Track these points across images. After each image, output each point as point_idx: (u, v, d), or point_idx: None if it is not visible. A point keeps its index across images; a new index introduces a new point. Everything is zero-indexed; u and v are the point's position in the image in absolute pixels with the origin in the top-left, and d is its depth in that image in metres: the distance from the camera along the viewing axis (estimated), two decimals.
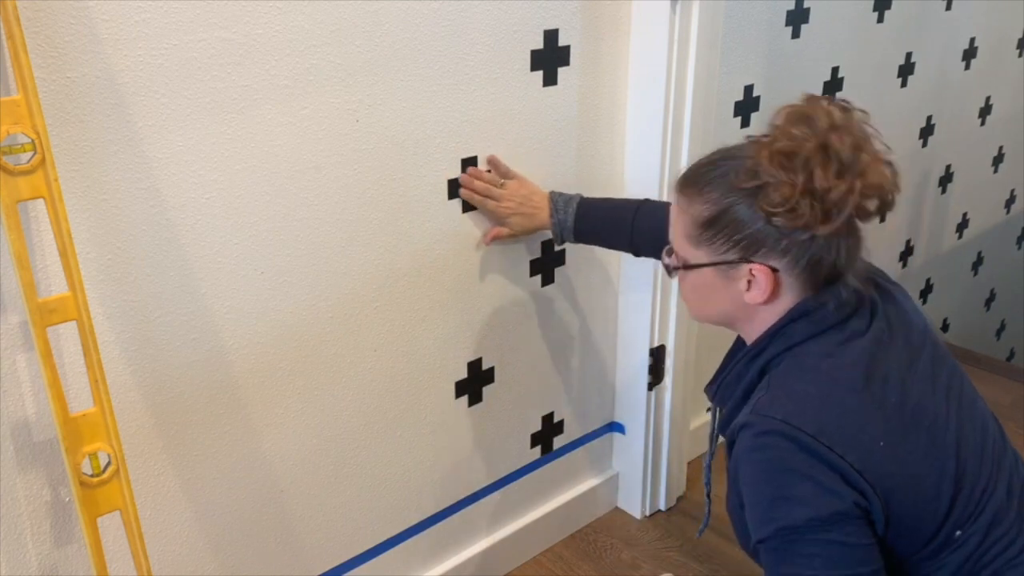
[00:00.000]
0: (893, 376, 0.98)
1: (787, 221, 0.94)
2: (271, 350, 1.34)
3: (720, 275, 1.01)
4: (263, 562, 1.44)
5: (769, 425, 0.94)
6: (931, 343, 1.06)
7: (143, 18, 1.08)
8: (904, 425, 0.96)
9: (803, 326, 0.99)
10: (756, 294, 0.99)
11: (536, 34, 1.51)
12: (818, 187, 0.92)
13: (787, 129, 0.96)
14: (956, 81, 2.70)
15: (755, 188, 0.95)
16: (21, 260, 1.00)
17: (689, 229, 1.02)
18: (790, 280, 0.99)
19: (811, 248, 0.96)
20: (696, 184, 1.01)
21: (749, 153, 0.97)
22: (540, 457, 1.86)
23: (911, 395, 0.98)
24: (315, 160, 1.29)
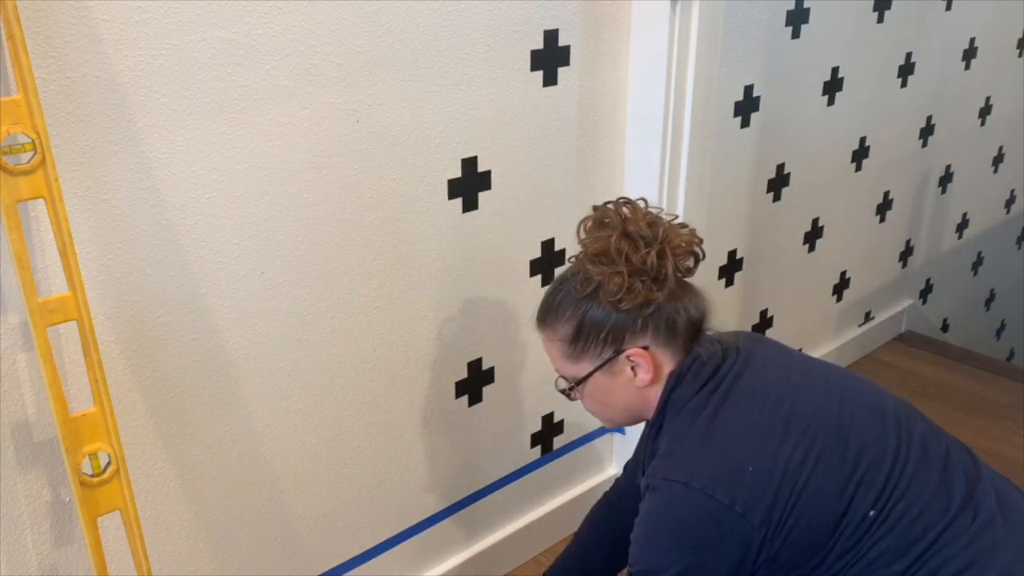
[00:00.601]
0: (757, 396, 1.08)
1: (630, 302, 1.07)
2: (271, 350, 1.34)
3: (607, 375, 1.13)
4: (263, 562, 1.44)
5: (656, 485, 1.06)
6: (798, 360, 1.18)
7: (143, 18, 1.08)
8: (773, 438, 1.04)
9: (685, 388, 1.10)
10: (643, 375, 1.11)
11: (536, 34, 1.51)
12: (638, 265, 1.07)
13: (592, 236, 1.12)
14: (956, 81, 2.70)
15: (593, 291, 1.09)
16: (21, 260, 1.00)
17: (563, 351, 1.14)
18: (662, 350, 1.11)
19: (661, 315, 1.09)
20: (550, 313, 1.15)
21: (575, 269, 1.12)
22: (540, 457, 1.86)
23: (779, 407, 1.07)
24: (315, 160, 1.29)
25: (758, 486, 1.01)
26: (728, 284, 2.15)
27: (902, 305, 2.90)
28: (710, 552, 1.03)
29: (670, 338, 1.11)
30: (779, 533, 1.02)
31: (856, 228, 2.54)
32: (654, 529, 1.06)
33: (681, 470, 1.04)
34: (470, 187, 1.51)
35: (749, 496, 1.01)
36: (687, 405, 1.09)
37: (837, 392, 1.12)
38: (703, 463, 1.04)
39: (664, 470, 1.06)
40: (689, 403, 1.09)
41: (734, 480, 1.02)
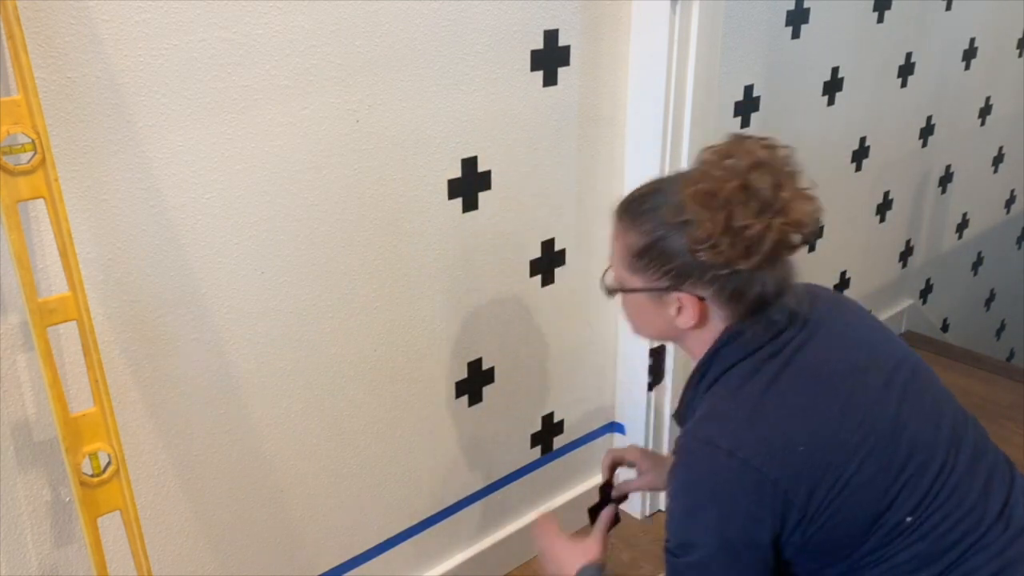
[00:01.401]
0: (819, 374, 1.02)
1: (709, 257, 0.99)
2: (271, 350, 1.34)
3: (652, 300, 1.07)
4: (263, 562, 1.44)
5: (694, 447, 1.01)
6: (859, 335, 1.09)
7: (143, 18, 1.08)
8: (830, 421, 0.99)
9: (735, 349, 1.04)
10: (685, 319, 1.05)
11: (536, 34, 1.51)
12: (736, 225, 0.97)
13: (710, 169, 1.00)
14: (956, 81, 2.70)
15: (681, 224, 1.00)
16: (21, 260, 1.00)
17: (625, 256, 1.08)
18: (716, 308, 1.04)
19: (734, 281, 1.01)
20: (631, 214, 1.07)
21: (678, 189, 1.02)
22: (540, 457, 1.86)
23: (839, 389, 1.01)
24: (315, 160, 1.29)
25: (805, 468, 0.96)
26: None
27: (902, 305, 2.90)
28: (750, 526, 0.98)
29: (731, 302, 1.03)
30: (815, 520, 0.97)
31: (856, 228, 2.54)
32: (693, 500, 1.01)
33: (728, 437, 0.98)
34: (470, 187, 1.51)
35: (795, 475, 0.96)
36: (739, 365, 1.03)
37: (899, 385, 1.04)
38: (751, 433, 0.98)
39: (709, 433, 1.00)
40: (742, 364, 1.03)
41: (782, 457, 0.96)
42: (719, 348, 1.05)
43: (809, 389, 1.01)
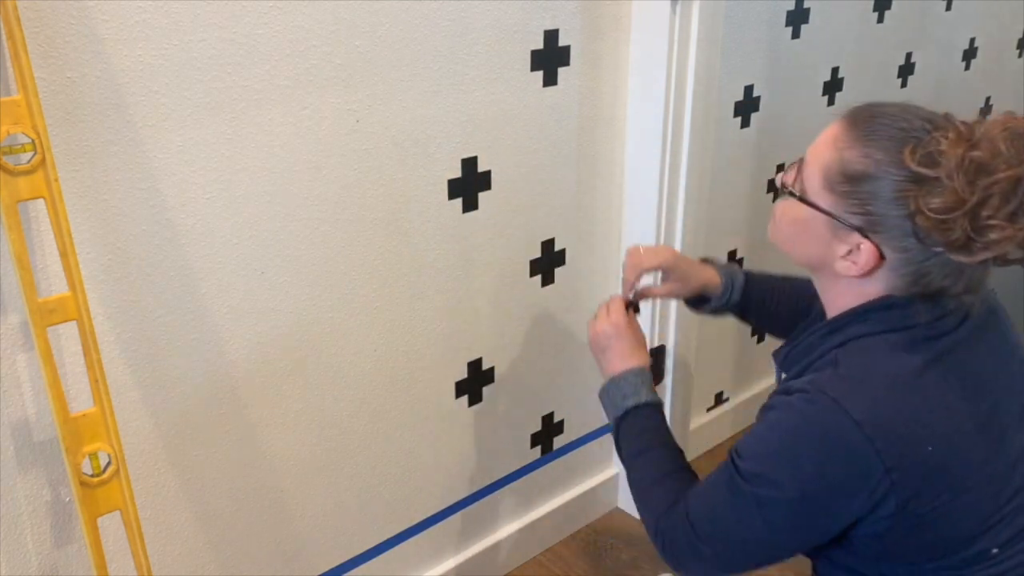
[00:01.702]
0: (968, 380, 0.93)
1: (928, 229, 0.86)
2: (271, 350, 1.34)
3: (828, 229, 0.93)
4: (263, 562, 1.44)
5: (820, 400, 0.90)
6: (1012, 352, 1.01)
7: (143, 18, 1.08)
8: (964, 435, 0.91)
9: (889, 318, 0.93)
10: (849, 266, 0.93)
11: (536, 34, 1.51)
12: (983, 215, 0.83)
13: (996, 142, 0.85)
14: (956, 81, 2.70)
15: (921, 177, 0.85)
16: (21, 260, 1.00)
17: (831, 169, 0.92)
18: (890, 275, 0.92)
19: (931, 262, 0.89)
20: (868, 128, 0.90)
21: (940, 135, 0.87)
22: (540, 457, 1.86)
23: (983, 402, 0.93)
24: (315, 160, 1.29)
25: (923, 469, 0.88)
26: None
27: None
28: (840, 498, 0.90)
29: (909, 279, 0.91)
30: (905, 521, 0.90)
31: None
32: (795, 446, 0.91)
33: (860, 406, 0.88)
34: (470, 187, 1.51)
35: (910, 472, 0.88)
36: (887, 336, 0.92)
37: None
38: (886, 413, 0.88)
39: (840, 393, 0.89)
40: (892, 335, 0.92)
41: (907, 449, 0.88)
42: (870, 310, 0.94)
43: (957, 392, 0.92)
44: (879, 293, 0.94)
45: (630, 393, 1.17)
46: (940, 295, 0.93)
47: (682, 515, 1.00)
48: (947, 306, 0.94)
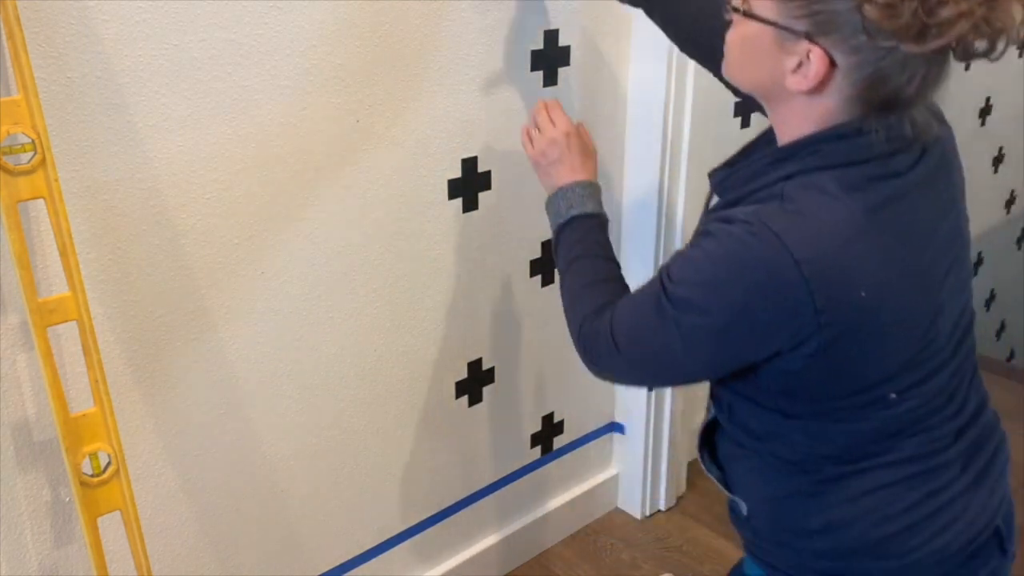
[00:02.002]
0: (911, 229, 0.92)
1: (878, 17, 0.81)
2: (271, 350, 1.34)
3: (776, 41, 0.89)
4: (263, 562, 1.44)
5: (763, 234, 0.87)
6: (956, 197, 1.00)
7: (143, 18, 1.08)
8: (900, 283, 0.90)
9: (843, 149, 0.90)
10: (800, 80, 0.88)
11: (536, 34, 1.51)
12: (932, 2, 0.79)
13: None
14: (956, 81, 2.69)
15: None
16: (21, 260, 1.00)
17: None
18: (843, 84, 0.88)
19: (884, 60, 0.84)
20: None
21: None
22: (540, 457, 1.86)
23: (922, 254, 0.92)
24: (315, 160, 1.29)
25: (852, 313, 0.87)
26: None
27: None
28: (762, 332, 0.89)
29: (863, 86, 0.87)
30: (819, 364, 0.89)
31: None
32: (725, 274, 0.89)
33: (803, 245, 0.85)
34: (470, 187, 1.51)
35: (838, 315, 0.86)
36: (841, 171, 0.89)
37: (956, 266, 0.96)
38: (828, 253, 0.86)
39: (783, 227, 0.86)
40: (845, 170, 0.89)
41: (841, 293, 0.86)
42: (822, 140, 0.90)
43: (900, 240, 0.89)
44: (832, 113, 0.90)
45: (576, 204, 1.18)
46: (893, 106, 0.89)
47: (606, 323, 1.01)
48: (902, 134, 0.90)
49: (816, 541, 0.98)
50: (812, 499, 0.98)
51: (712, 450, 1.09)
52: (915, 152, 0.93)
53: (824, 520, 0.97)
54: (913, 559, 0.95)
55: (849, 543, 0.97)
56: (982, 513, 0.97)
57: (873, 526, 0.95)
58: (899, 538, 0.95)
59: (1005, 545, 1.00)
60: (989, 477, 1.00)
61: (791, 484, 0.99)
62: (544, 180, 1.23)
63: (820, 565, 0.99)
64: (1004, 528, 1.00)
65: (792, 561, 1.02)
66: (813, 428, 0.96)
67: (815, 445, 0.96)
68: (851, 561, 0.97)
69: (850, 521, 0.96)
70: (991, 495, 0.99)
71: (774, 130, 0.99)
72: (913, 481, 0.95)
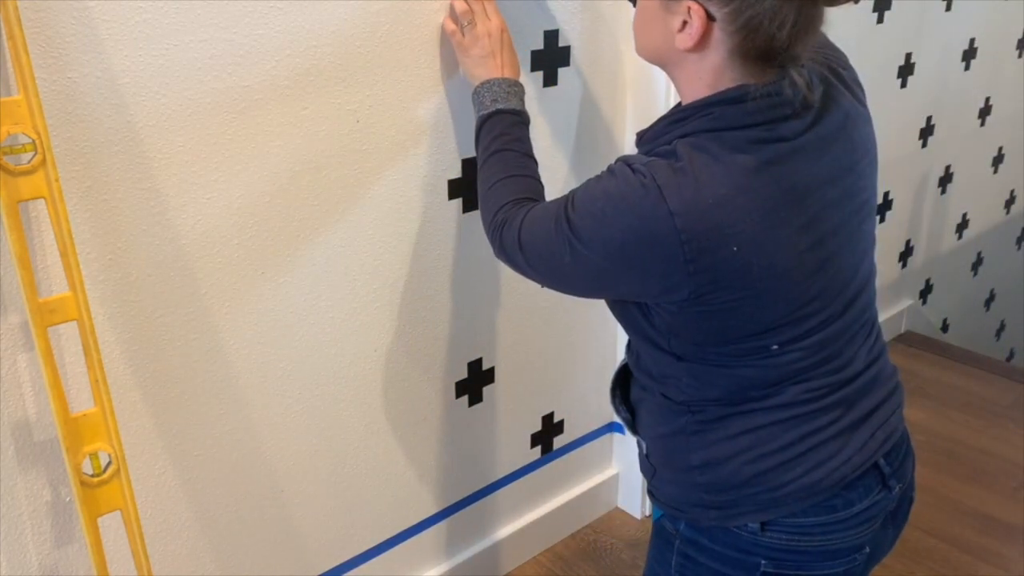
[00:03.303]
0: (797, 189, 0.96)
1: None
2: (271, 350, 1.34)
3: (662, 6, 0.97)
4: (263, 562, 1.44)
5: (647, 183, 0.93)
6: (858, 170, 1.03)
7: (143, 18, 1.08)
8: (775, 241, 0.94)
9: (732, 113, 0.95)
10: (685, 37, 0.95)
11: (536, 34, 1.51)
12: None
13: None
14: (956, 81, 2.70)
15: None
16: (22, 260, 1.00)
17: None
18: (723, 37, 0.93)
19: (754, 7, 0.90)
20: None
21: None
22: (540, 457, 1.86)
23: (803, 213, 0.96)
24: (315, 160, 1.29)
25: (726, 267, 0.92)
26: None
27: (902, 305, 2.90)
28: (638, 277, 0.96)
29: (740, 36, 0.92)
30: (691, 310, 0.96)
31: None
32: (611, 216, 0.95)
33: (678, 198, 0.91)
34: (470, 187, 1.51)
35: (712, 270, 0.92)
36: (728, 134, 0.94)
37: (851, 222, 1.01)
38: (702, 210, 0.91)
39: (665, 180, 0.92)
40: (732, 133, 0.94)
41: (714, 247, 0.92)
42: (715, 104, 0.96)
43: (779, 199, 0.94)
44: (720, 71, 0.96)
45: (501, 99, 1.26)
46: (773, 56, 0.94)
47: (519, 220, 1.07)
48: (786, 99, 0.95)
49: (697, 475, 1.06)
50: (695, 436, 1.05)
51: (625, 394, 1.19)
52: (806, 119, 0.98)
53: (705, 456, 1.05)
54: (785, 492, 1.02)
55: (727, 477, 1.04)
56: (858, 453, 1.03)
57: (748, 463, 1.02)
58: (772, 473, 1.02)
59: (888, 481, 1.05)
60: (871, 420, 1.05)
61: (678, 423, 1.06)
62: (471, 69, 1.32)
63: (702, 498, 1.06)
64: (885, 465, 1.05)
65: (681, 498, 1.08)
66: (699, 371, 1.02)
67: (701, 388, 1.03)
68: (728, 494, 1.04)
69: (728, 457, 1.03)
70: (871, 437, 1.04)
71: (679, 95, 1.04)
72: (788, 423, 1.02)
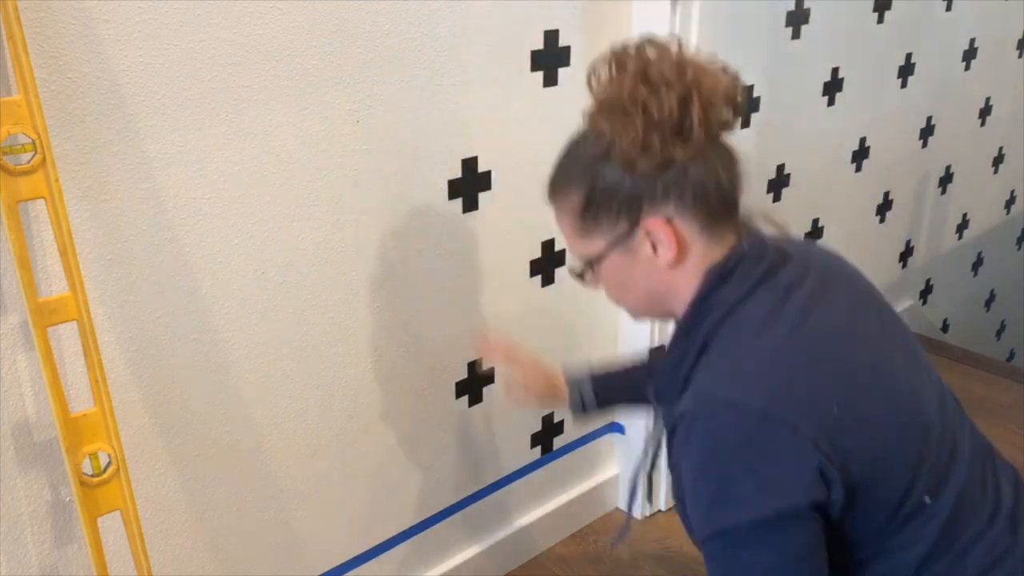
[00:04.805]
0: (840, 331, 0.92)
1: (648, 162, 0.89)
2: (271, 350, 1.34)
3: (624, 253, 0.95)
4: (263, 562, 1.44)
5: (712, 407, 0.87)
6: (868, 294, 1.01)
7: (143, 18, 1.08)
8: (858, 383, 0.90)
9: (732, 288, 0.92)
10: (664, 252, 0.93)
11: (536, 34, 1.51)
12: (656, 115, 0.87)
13: (602, 82, 0.92)
14: (956, 81, 2.70)
15: (605, 150, 0.91)
16: (21, 260, 1.00)
17: (574, 225, 0.97)
18: (688, 223, 0.92)
19: (688, 179, 0.90)
20: (557, 180, 0.98)
21: (586, 125, 0.95)
22: (540, 457, 1.86)
23: (860, 350, 0.92)
24: (315, 160, 1.29)
25: (839, 432, 0.85)
26: None
27: (902, 305, 2.90)
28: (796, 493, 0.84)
29: (699, 210, 0.91)
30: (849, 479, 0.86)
31: (856, 228, 2.54)
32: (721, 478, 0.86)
33: (756, 393, 0.85)
34: (470, 187, 1.51)
35: (831, 439, 0.85)
36: (744, 308, 0.91)
37: (909, 352, 0.96)
38: (782, 386, 0.86)
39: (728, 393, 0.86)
40: (747, 305, 0.91)
41: (818, 416, 0.85)
42: (712, 289, 0.93)
43: (833, 345, 0.90)
44: (700, 255, 0.94)
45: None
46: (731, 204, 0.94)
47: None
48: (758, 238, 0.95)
49: None
50: None
51: None
52: (796, 266, 0.95)
53: None
54: None
55: None
56: None
57: None
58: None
59: None
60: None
61: None
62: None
63: None
64: None
65: None
66: (883, 568, 0.93)
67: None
68: None
69: None
70: None
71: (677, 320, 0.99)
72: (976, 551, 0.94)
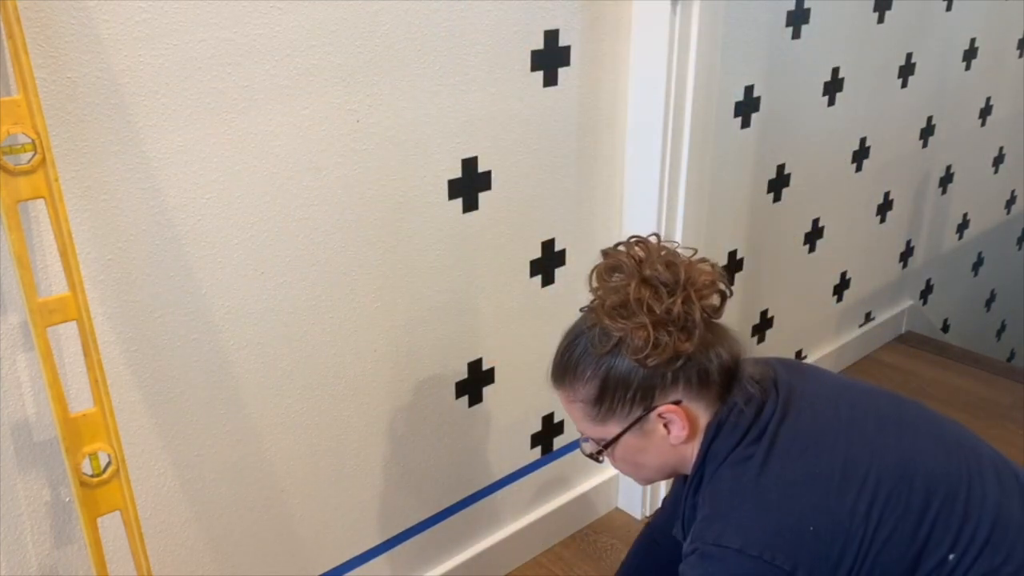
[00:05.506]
0: (806, 445, 1.00)
1: (658, 357, 0.99)
2: (271, 350, 1.34)
3: (638, 435, 1.05)
4: (263, 562, 1.44)
5: (704, 550, 0.97)
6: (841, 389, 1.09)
7: (143, 18, 1.08)
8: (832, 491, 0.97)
9: (724, 440, 1.02)
10: (678, 431, 1.03)
11: (536, 34, 1.51)
12: (662, 315, 0.98)
13: (606, 285, 1.03)
14: (956, 81, 2.70)
15: (615, 346, 1.01)
16: (21, 260, 1.00)
17: (587, 413, 1.06)
18: (696, 402, 1.03)
19: (692, 366, 1.01)
20: (568, 372, 1.06)
21: (592, 322, 1.04)
22: (540, 457, 1.86)
23: (831, 454, 1.00)
24: (315, 160, 1.29)
25: (822, 547, 0.94)
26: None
27: (902, 306, 2.90)
28: None
29: (704, 389, 1.03)
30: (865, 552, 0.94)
31: (856, 228, 2.54)
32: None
33: (733, 534, 0.95)
34: (470, 187, 1.51)
35: (812, 559, 0.93)
36: (729, 456, 1.01)
37: (892, 421, 1.04)
38: (756, 525, 0.95)
39: (715, 534, 0.97)
40: (732, 454, 1.01)
41: (794, 543, 0.94)
42: (708, 446, 1.03)
43: (803, 460, 0.99)
44: (703, 424, 1.04)
45: None
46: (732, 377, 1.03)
47: None
48: (749, 389, 1.03)
49: None
50: None
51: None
52: (773, 397, 1.04)
53: None
54: None
55: None
56: None
57: None
58: None
59: None
60: None
61: None
62: None
63: None
64: None
65: None
66: None
67: None
68: None
69: None
70: None
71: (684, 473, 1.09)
72: None
